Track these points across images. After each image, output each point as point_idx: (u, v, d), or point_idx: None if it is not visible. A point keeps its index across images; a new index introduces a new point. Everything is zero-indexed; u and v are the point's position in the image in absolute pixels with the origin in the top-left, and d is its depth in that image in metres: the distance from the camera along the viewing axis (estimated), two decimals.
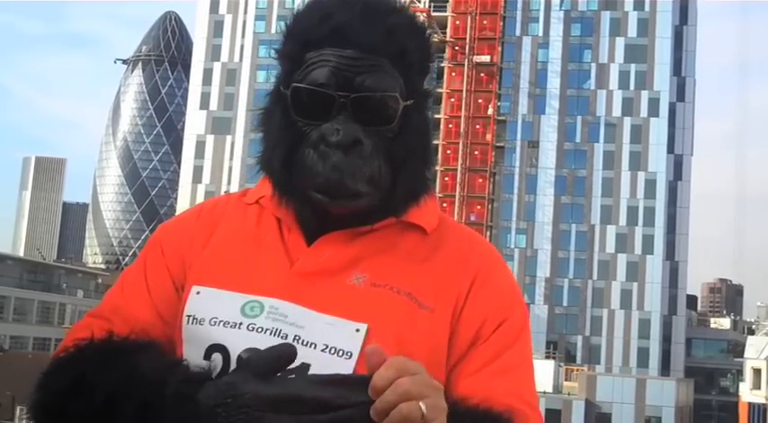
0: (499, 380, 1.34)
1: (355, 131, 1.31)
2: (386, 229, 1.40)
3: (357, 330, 1.30)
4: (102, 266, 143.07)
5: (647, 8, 71.42)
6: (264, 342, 1.26)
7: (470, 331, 1.37)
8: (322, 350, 1.28)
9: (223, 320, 1.33)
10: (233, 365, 1.22)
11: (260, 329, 1.31)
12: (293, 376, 1.14)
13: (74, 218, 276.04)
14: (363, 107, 1.33)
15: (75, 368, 1.26)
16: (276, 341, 1.28)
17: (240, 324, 1.31)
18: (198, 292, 1.37)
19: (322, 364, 1.26)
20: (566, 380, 59.50)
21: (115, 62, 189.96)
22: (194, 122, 78.11)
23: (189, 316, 1.36)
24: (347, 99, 1.32)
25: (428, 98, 1.45)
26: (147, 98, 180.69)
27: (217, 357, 1.30)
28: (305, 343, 1.29)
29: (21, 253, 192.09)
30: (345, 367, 1.27)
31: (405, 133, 1.37)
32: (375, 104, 1.33)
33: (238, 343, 1.28)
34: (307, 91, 1.33)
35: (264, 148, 1.42)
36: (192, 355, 1.32)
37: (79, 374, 1.24)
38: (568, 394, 56.35)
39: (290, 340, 1.28)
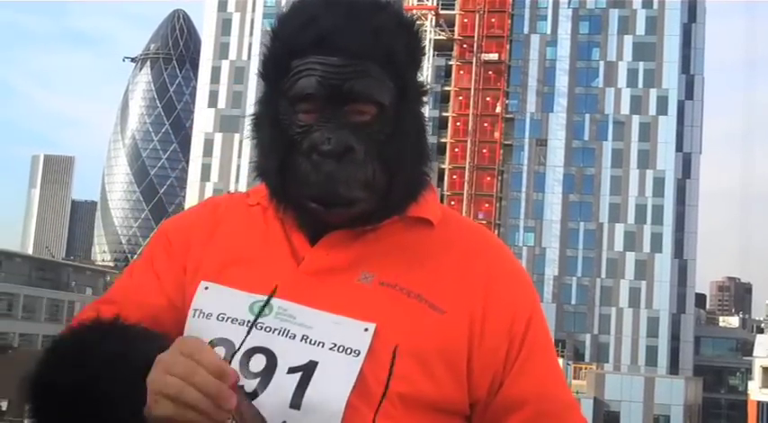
0: (548, 380, 1.40)
1: (346, 138, 1.31)
2: (389, 226, 1.39)
3: (365, 330, 1.30)
4: (111, 264, 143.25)
5: (655, 6, 71.25)
6: (273, 341, 1.30)
7: (501, 332, 1.36)
8: (330, 348, 1.29)
9: (231, 317, 1.33)
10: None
11: (268, 329, 1.31)
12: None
13: (82, 216, 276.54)
14: (353, 114, 1.33)
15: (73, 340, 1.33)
16: (284, 341, 1.30)
17: (248, 322, 1.32)
18: (206, 288, 1.38)
19: (330, 362, 1.28)
20: (574, 378, 59.50)
21: (123, 60, 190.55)
22: (202, 120, 78.21)
23: (196, 310, 1.36)
24: (336, 107, 1.32)
25: (422, 93, 1.43)
26: (156, 96, 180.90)
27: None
28: (313, 342, 1.30)
29: (29, 251, 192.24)
30: (353, 364, 1.28)
31: (397, 134, 1.35)
32: (364, 110, 1.33)
33: (246, 340, 1.31)
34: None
35: (258, 154, 1.43)
36: None
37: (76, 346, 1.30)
38: (577, 393, 56.27)
39: (297, 340, 1.30)
